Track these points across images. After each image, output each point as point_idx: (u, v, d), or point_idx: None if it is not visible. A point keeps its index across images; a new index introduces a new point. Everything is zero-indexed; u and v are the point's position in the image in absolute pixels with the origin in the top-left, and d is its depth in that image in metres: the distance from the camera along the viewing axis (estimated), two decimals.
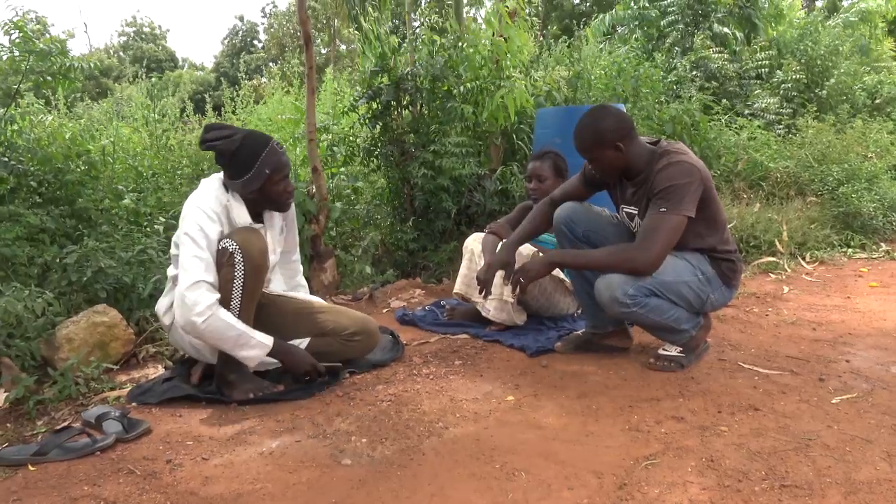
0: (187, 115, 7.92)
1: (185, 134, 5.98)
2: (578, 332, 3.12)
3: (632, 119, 2.85)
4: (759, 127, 7.54)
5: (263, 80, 31.11)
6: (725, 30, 9.82)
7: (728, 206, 5.85)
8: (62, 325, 2.91)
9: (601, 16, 11.22)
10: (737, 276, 2.81)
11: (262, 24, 36.75)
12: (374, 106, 5.07)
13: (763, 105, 8.79)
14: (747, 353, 2.98)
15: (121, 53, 35.76)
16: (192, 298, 2.34)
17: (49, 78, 3.90)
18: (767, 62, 9.62)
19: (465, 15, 5.82)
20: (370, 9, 6.08)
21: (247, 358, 2.47)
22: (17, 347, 2.72)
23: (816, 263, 5.18)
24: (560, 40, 9.56)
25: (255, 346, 2.47)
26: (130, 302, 3.29)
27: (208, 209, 2.49)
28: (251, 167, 2.53)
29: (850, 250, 5.61)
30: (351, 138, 5.42)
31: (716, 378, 2.65)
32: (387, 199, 5.28)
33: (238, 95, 9.80)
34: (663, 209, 2.52)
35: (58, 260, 3.24)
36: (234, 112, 9.39)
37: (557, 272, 3.43)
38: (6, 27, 3.68)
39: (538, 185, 3.45)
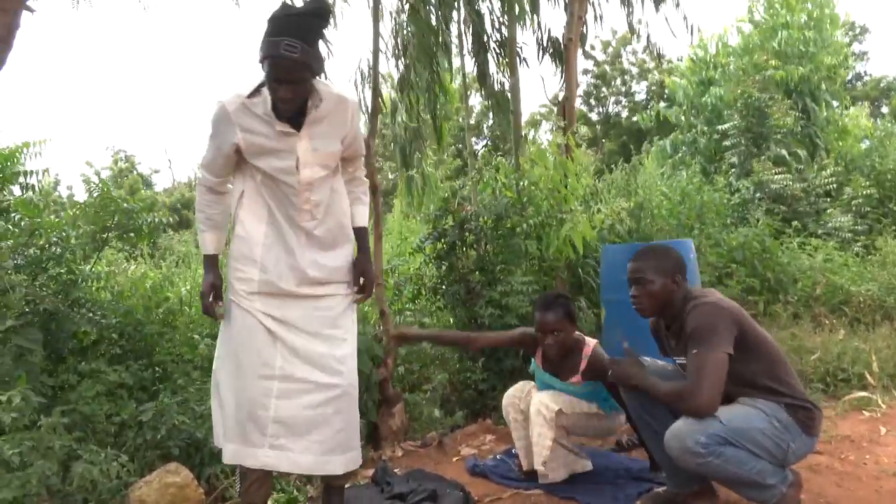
0: None
1: None
2: (660, 490, 2.95)
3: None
4: (835, 247, 7.33)
5: None
6: (784, 152, 9.79)
7: (810, 333, 5.61)
8: (135, 485, 2.94)
9: (662, 141, 11.41)
10: (815, 423, 2.64)
11: None
12: (440, 246, 5.17)
13: (836, 223, 8.58)
14: None
15: None
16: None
17: (132, 235, 4.14)
18: (834, 178, 9.48)
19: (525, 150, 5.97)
20: (430, 152, 6.32)
21: (200, 241, 2.67)
22: None
23: None
24: (619, 164, 9.74)
25: (202, 242, 2.65)
26: (202, 457, 3.31)
27: (215, 112, 2.45)
28: (263, 49, 2.31)
29: None
30: (417, 277, 5.51)
31: None
32: None
33: None
34: (695, 350, 2.50)
35: (134, 417, 3.31)
36: None
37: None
38: (91, 187, 3.98)
39: (555, 340, 3.21)
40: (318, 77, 2.41)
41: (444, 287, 5.26)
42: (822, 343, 5.37)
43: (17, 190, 4.18)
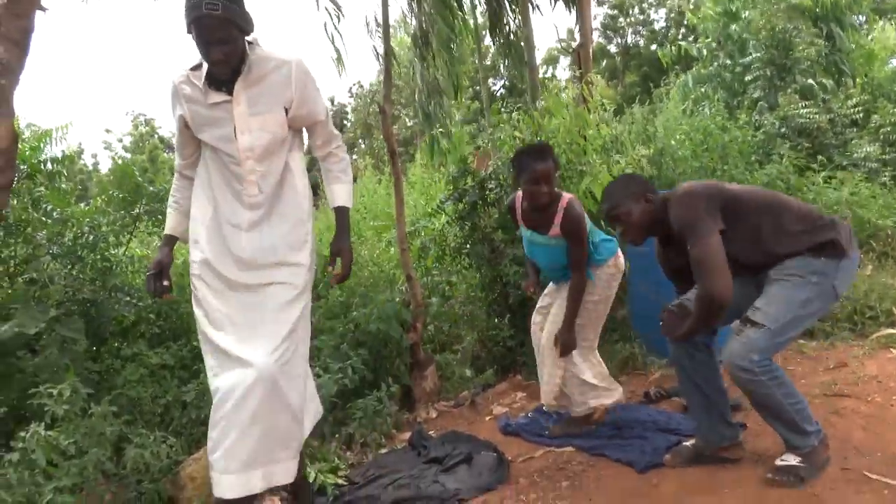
0: None
1: None
2: (688, 444, 3.03)
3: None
4: (861, 179, 7.21)
5: (355, 157, 32.39)
6: (811, 81, 9.54)
7: None
8: (185, 463, 3.09)
9: (683, 76, 11.16)
10: (845, 243, 2.61)
11: (350, 104, 38.31)
12: (461, 206, 5.20)
13: (863, 153, 8.41)
14: (874, 459, 2.79)
15: None
16: None
17: (161, 217, 4.22)
18: (861, 107, 9.24)
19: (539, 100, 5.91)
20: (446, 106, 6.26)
21: None
22: (147, 491, 2.91)
23: None
24: (639, 98, 9.56)
25: (167, 223, 2.66)
26: None
27: (172, 89, 2.50)
28: (186, 17, 2.33)
29: None
30: (441, 237, 5.56)
31: (842, 494, 2.50)
32: (480, 297, 5.34)
33: None
34: (689, 245, 2.57)
35: (178, 398, 3.46)
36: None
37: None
38: (115, 174, 4.06)
39: (547, 188, 3.21)
40: (248, 37, 2.43)
41: (468, 247, 5.31)
42: None
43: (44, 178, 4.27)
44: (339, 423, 3.81)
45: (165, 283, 2.53)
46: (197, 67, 2.45)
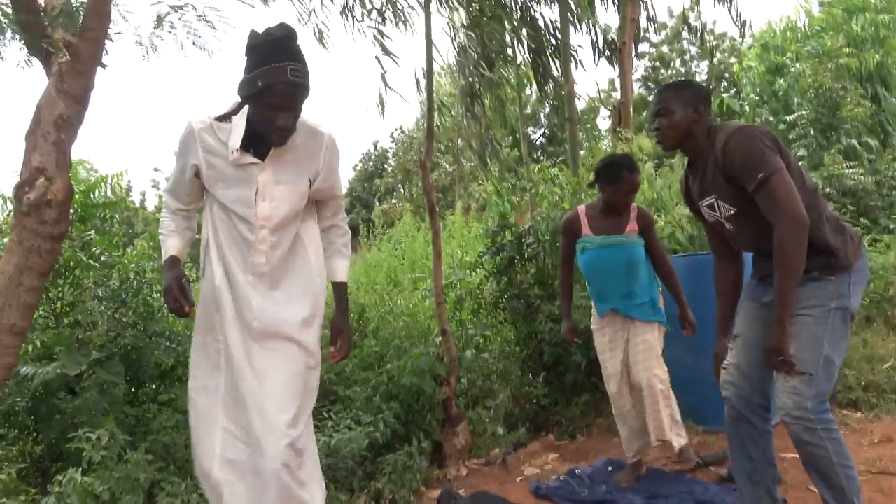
0: None
1: None
2: None
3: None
4: None
5: (394, 201, 32.71)
6: (856, 142, 9.42)
7: (882, 339, 5.44)
8: None
9: None
10: (856, 251, 2.48)
11: (392, 148, 38.92)
12: (498, 261, 5.21)
13: None
14: None
15: None
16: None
17: None
18: None
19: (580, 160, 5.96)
20: (492, 167, 6.32)
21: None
22: None
23: None
24: (677, 153, 9.47)
25: (164, 249, 2.45)
26: None
27: (183, 131, 2.34)
28: (251, 69, 2.18)
29: None
30: (477, 291, 5.57)
31: None
32: (515, 353, 5.31)
33: (372, 219, 10.72)
34: (758, 179, 2.36)
35: None
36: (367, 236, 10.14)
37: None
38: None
39: (633, 196, 3.55)
40: None
41: (504, 301, 5.30)
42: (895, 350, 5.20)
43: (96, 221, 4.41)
44: (369, 477, 3.78)
45: (193, 305, 2.35)
46: (224, 119, 2.29)
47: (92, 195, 4.17)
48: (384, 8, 4.84)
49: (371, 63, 4.85)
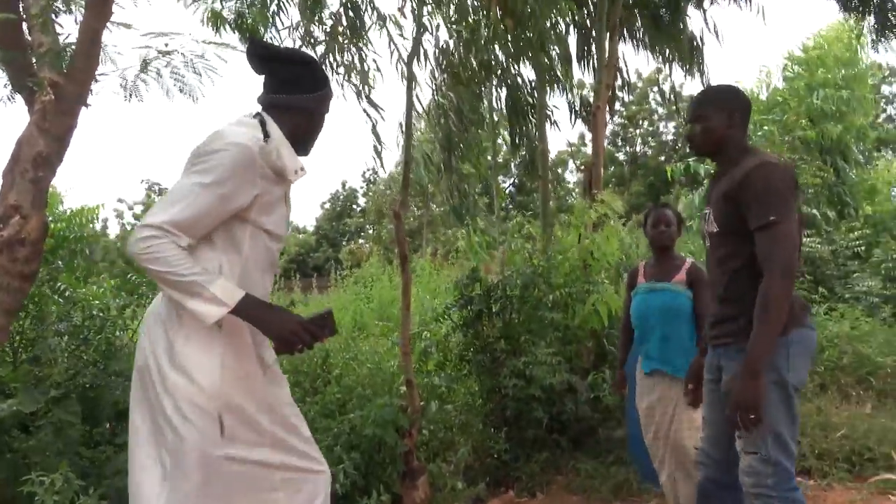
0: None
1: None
2: None
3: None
4: (862, 313, 7.27)
5: (361, 241, 32.65)
6: (815, 211, 9.77)
7: (836, 406, 5.57)
8: None
9: (690, 196, 11.46)
10: (794, 308, 2.39)
11: (362, 188, 39.02)
12: (466, 313, 5.25)
13: (864, 287, 8.52)
14: None
15: None
16: (142, 231, 1.89)
17: None
18: (863, 241, 9.43)
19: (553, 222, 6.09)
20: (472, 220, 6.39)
21: (199, 313, 1.91)
22: None
23: None
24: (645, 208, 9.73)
25: (209, 299, 1.90)
26: None
27: (235, 155, 1.98)
28: (325, 84, 2.25)
29: None
30: (444, 342, 5.59)
31: None
32: (478, 406, 5.32)
33: (338, 259, 10.82)
34: (768, 218, 2.30)
35: None
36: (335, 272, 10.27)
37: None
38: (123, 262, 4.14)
39: (667, 230, 3.73)
40: None
41: (469, 354, 5.33)
42: (849, 418, 5.31)
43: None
44: None
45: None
46: (265, 138, 2.08)
47: (66, 229, 4.13)
48: (354, 67, 4.95)
49: (343, 105, 4.89)
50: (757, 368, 2.30)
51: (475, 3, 5.60)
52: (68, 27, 3.34)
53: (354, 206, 38.75)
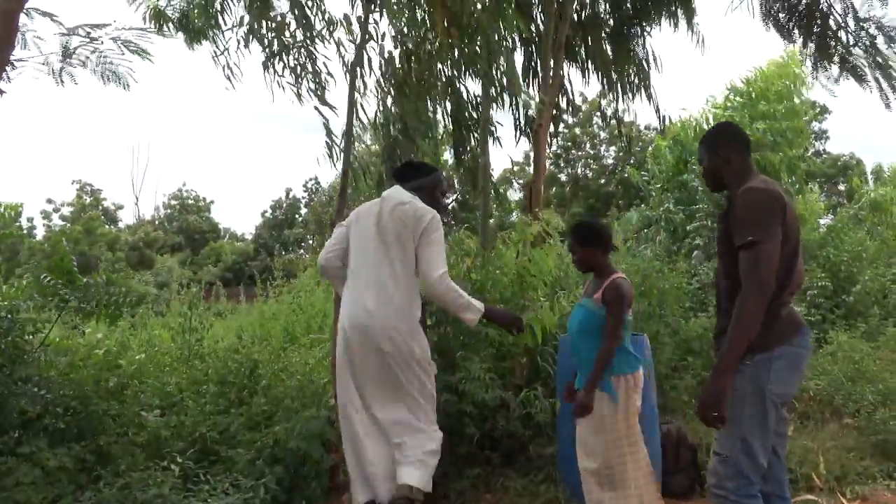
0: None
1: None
2: None
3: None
4: None
5: (301, 252, 32.16)
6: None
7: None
8: None
9: (628, 214, 11.63)
10: (773, 332, 2.51)
11: (304, 198, 38.51)
12: None
13: None
14: None
15: (165, 224, 37.47)
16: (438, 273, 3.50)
17: (89, 308, 4.06)
18: None
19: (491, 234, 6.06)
20: None
21: (469, 319, 3.56)
22: None
23: (858, 501, 4.89)
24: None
25: (474, 310, 3.53)
26: None
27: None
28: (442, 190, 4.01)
29: (893, 483, 5.31)
30: None
31: None
32: None
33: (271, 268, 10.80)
34: (750, 238, 2.44)
35: None
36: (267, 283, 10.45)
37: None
38: (46, 264, 3.91)
39: (576, 256, 3.81)
40: None
41: None
42: None
43: None
44: None
45: None
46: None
47: None
48: (303, 69, 4.85)
49: (285, 108, 4.79)
50: (722, 370, 2.44)
51: (422, 14, 5.58)
52: None
53: (297, 216, 38.21)
